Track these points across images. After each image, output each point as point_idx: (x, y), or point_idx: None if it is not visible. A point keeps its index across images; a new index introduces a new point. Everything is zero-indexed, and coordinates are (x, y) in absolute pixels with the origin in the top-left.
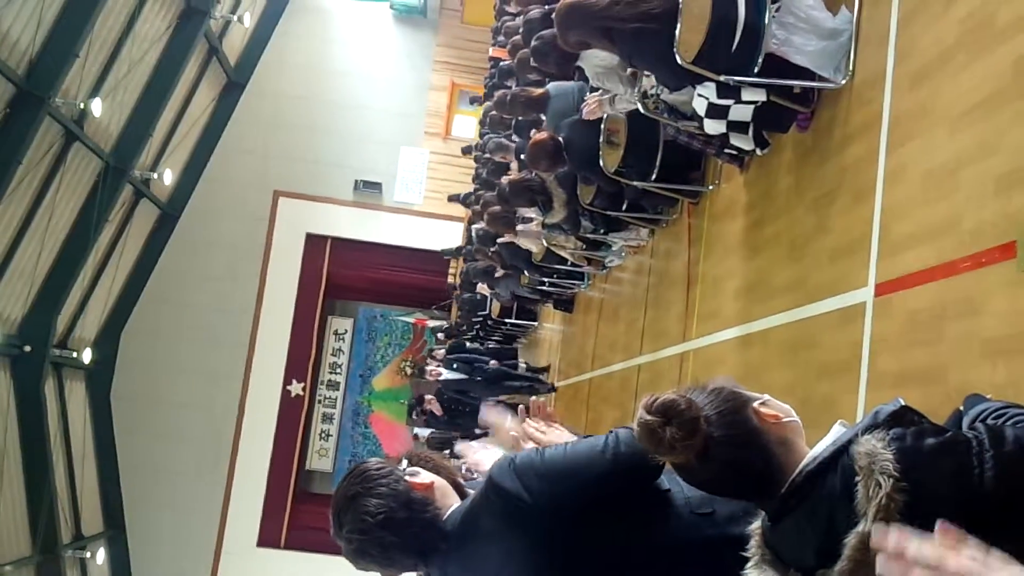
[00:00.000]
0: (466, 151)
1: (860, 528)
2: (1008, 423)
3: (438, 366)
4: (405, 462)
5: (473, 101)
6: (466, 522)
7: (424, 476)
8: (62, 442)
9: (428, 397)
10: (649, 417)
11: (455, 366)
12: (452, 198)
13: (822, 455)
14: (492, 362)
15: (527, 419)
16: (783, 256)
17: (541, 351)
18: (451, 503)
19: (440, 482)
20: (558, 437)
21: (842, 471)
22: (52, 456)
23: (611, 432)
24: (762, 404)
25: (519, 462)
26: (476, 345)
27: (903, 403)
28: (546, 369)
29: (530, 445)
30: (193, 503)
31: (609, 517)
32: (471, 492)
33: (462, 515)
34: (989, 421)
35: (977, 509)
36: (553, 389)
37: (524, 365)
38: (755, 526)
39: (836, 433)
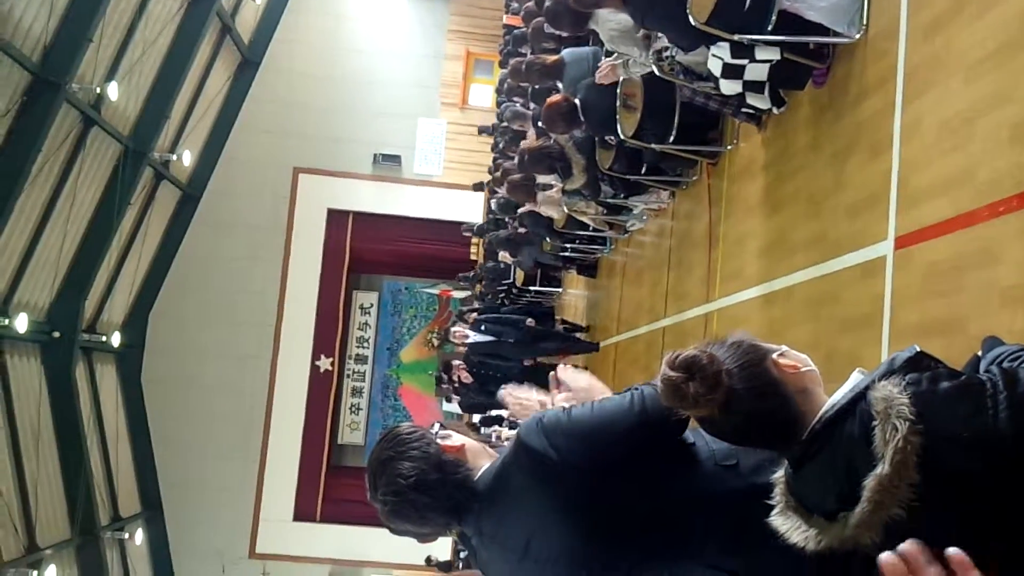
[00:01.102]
0: (483, 131)
1: (878, 471)
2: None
3: (464, 328)
4: (437, 425)
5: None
6: (497, 481)
7: (455, 438)
8: (95, 426)
9: (456, 363)
10: (672, 373)
11: (483, 328)
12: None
13: (840, 402)
14: (529, 320)
15: (560, 375)
16: (803, 213)
17: (568, 316)
18: (482, 463)
19: (471, 443)
20: (590, 383)
21: (860, 416)
22: (86, 440)
23: (636, 388)
24: (781, 355)
25: (546, 421)
26: (508, 309)
27: (919, 349)
28: (585, 328)
29: (560, 397)
30: (228, 481)
31: (636, 472)
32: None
33: (493, 475)
34: (1005, 364)
35: (993, 450)
36: (596, 347)
37: (561, 324)
38: (779, 474)
39: (854, 380)
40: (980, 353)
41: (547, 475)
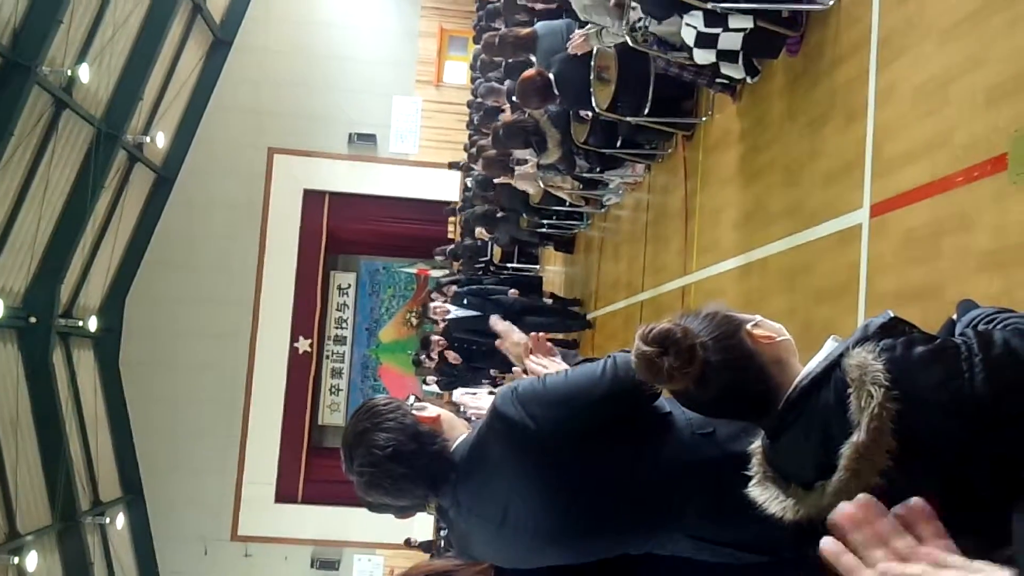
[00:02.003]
0: (453, 166)
1: (855, 439)
2: (999, 326)
3: (444, 302)
4: (412, 398)
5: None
6: (474, 452)
7: (431, 410)
8: (74, 411)
9: (435, 338)
10: (646, 348)
11: (465, 301)
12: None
13: (815, 370)
14: (512, 291)
15: (529, 356)
16: (779, 183)
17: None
18: (459, 434)
19: (447, 415)
20: (558, 367)
21: (835, 384)
22: (65, 425)
23: (609, 356)
24: (755, 326)
25: (521, 390)
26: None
27: (892, 315)
28: (577, 301)
29: (532, 376)
30: (208, 464)
31: (612, 440)
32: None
33: (469, 445)
34: (980, 327)
35: (969, 413)
36: (589, 324)
37: (550, 297)
38: (756, 445)
39: (829, 348)
40: (955, 316)
41: (523, 444)
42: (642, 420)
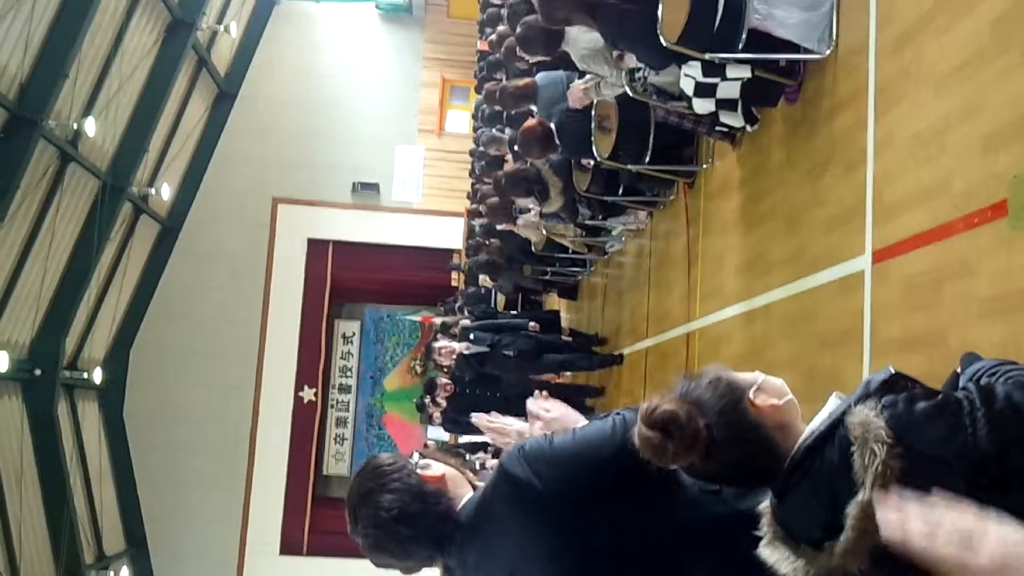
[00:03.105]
0: (453, 268)
1: (860, 497)
2: (1000, 380)
3: (450, 341)
4: (416, 455)
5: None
6: (480, 511)
7: (435, 468)
8: (78, 463)
9: (442, 381)
10: (649, 433)
11: (473, 336)
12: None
13: (818, 429)
14: (532, 324)
15: (530, 400)
16: (780, 229)
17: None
18: (464, 493)
19: (452, 472)
20: (567, 412)
21: (839, 443)
22: (69, 478)
23: (617, 413)
24: (758, 390)
25: (528, 449)
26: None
27: (893, 371)
28: (598, 338)
29: (538, 427)
30: (213, 515)
31: (620, 499)
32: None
33: (476, 505)
34: (983, 380)
35: (974, 468)
36: (619, 360)
37: (569, 335)
38: (764, 504)
39: (832, 406)
40: (959, 369)
41: (530, 504)
42: (649, 477)
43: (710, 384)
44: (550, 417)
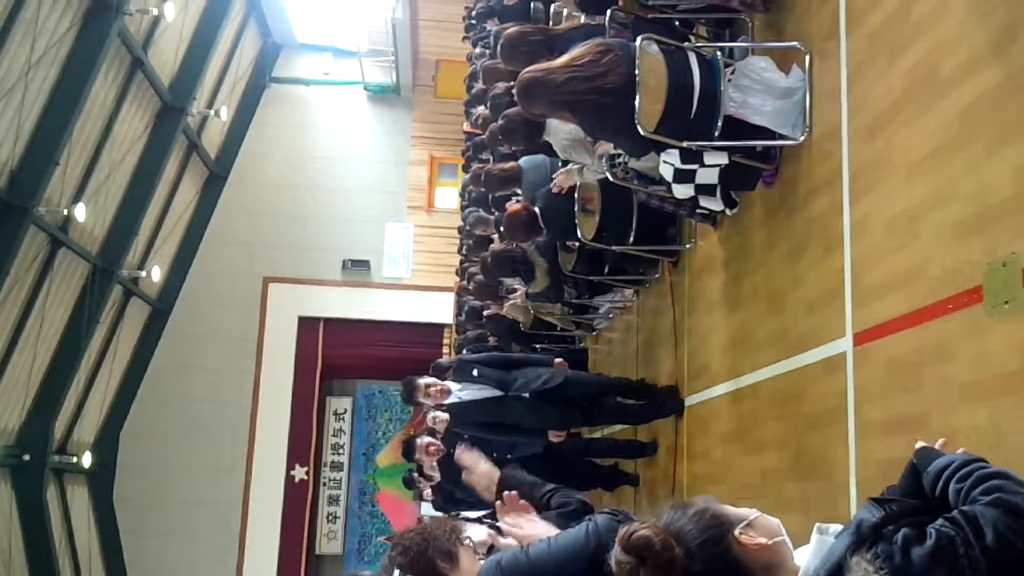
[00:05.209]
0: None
1: None
2: (979, 493)
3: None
4: (397, 572)
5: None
6: None
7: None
8: (68, 548)
9: (422, 441)
10: (624, 557)
11: (476, 373)
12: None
13: None
14: (558, 360)
15: (502, 518)
16: (764, 309)
17: None
18: None
19: None
20: (534, 529)
21: None
22: (58, 563)
23: (590, 519)
24: (747, 526)
25: (505, 564)
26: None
27: (872, 501)
28: (655, 388)
29: (510, 541)
30: None
31: None
32: None
33: None
34: (953, 486)
35: None
36: (678, 408)
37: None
38: None
39: (816, 543)
40: (915, 461)
41: None
42: None
43: (696, 514)
44: (522, 535)
